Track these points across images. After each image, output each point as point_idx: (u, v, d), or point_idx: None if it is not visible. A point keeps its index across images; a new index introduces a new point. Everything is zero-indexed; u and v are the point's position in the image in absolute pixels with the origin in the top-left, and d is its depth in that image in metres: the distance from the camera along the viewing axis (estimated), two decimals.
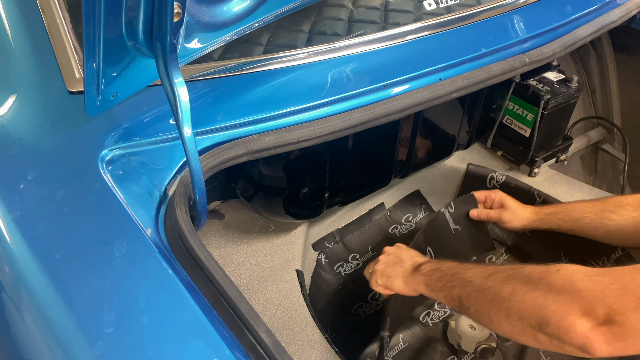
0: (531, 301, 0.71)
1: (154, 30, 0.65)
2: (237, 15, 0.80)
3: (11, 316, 0.69)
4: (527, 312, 0.71)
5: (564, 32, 1.22)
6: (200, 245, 0.70)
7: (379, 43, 1.05)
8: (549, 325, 0.68)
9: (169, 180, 0.79)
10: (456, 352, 1.28)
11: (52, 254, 0.68)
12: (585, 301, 0.67)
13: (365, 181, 1.27)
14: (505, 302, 0.75)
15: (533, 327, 0.71)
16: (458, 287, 0.84)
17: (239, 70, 0.93)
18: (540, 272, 0.74)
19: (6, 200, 0.73)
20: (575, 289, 0.68)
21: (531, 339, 0.72)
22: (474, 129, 1.42)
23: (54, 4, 0.86)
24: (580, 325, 0.66)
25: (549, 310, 0.69)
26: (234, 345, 0.62)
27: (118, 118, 0.82)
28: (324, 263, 1.41)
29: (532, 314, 0.71)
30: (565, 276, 0.71)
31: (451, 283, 0.85)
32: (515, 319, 0.73)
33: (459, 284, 0.84)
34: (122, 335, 0.61)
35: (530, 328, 0.71)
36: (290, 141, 0.86)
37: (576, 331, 0.66)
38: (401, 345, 1.29)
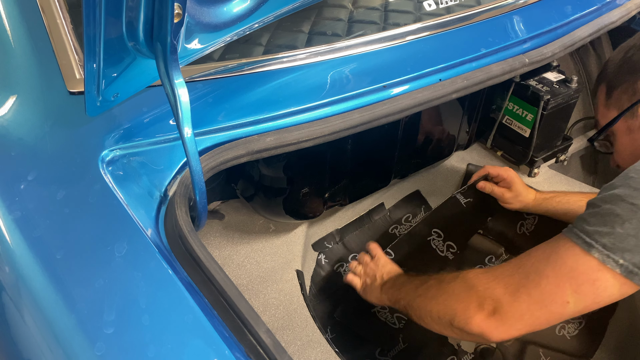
0: (442, 303, 0.87)
1: (155, 31, 0.65)
2: (237, 15, 0.80)
3: (12, 316, 0.69)
4: (441, 313, 0.87)
5: (564, 32, 1.22)
6: (200, 246, 0.70)
7: (379, 44, 1.05)
8: (455, 320, 0.83)
9: (169, 180, 0.79)
10: (456, 352, 1.28)
11: (52, 254, 0.68)
12: (475, 298, 0.81)
13: (365, 181, 1.27)
14: (428, 306, 0.90)
15: (447, 324, 0.85)
16: (403, 299, 1.00)
17: (239, 70, 0.93)
18: (449, 280, 0.89)
19: (7, 200, 0.73)
20: (469, 288, 0.83)
21: (451, 333, 0.87)
22: (473, 129, 1.42)
23: (54, 5, 0.86)
24: (475, 318, 0.80)
25: (454, 309, 0.84)
26: (234, 346, 0.62)
27: (118, 118, 0.83)
28: (324, 263, 1.41)
29: (444, 314, 0.86)
30: (463, 280, 0.86)
31: (400, 296, 1.02)
32: (436, 319, 0.88)
33: (404, 296, 1.00)
34: (123, 335, 0.61)
35: (446, 324, 0.86)
36: (290, 142, 0.86)
37: (473, 324, 0.80)
38: (401, 345, 1.29)
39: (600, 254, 0.70)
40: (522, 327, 0.77)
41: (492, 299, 0.79)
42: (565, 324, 1.33)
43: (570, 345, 1.30)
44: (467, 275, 0.86)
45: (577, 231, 0.74)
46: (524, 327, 0.77)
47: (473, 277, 0.85)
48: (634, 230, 0.69)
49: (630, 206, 0.70)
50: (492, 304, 0.79)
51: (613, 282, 0.71)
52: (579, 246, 0.73)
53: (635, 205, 0.70)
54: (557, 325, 1.33)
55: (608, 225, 0.71)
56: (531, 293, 0.76)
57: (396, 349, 1.28)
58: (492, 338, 0.79)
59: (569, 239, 0.75)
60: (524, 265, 0.79)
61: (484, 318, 0.79)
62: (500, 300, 0.78)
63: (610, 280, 0.71)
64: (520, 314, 0.76)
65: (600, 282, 0.71)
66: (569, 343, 1.30)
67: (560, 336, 1.32)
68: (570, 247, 0.74)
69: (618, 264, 0.69)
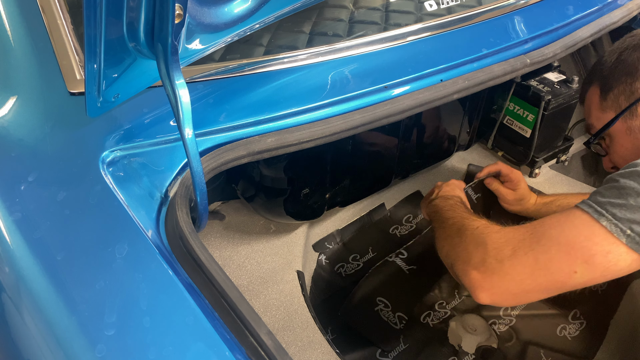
0: (451, 245, 0.90)
1: (155, 32, 0.65)
2: (238, 16, 0.80)
3: (12, 318, 0.68)
4: (448, 253, 0.90)
5: (565, 33, 1.22)
6: (201, 247, 0.70)
7: (380, 44, 1.05)
8: (454, 267, 0.86)
9: (170, 181, 0.79)
10: (457, 352, 1.28)
11: (53, 255, 0.68)
12: (480, 252, 0.81)
13: (365, 182, 1.27)
14: (442, 242, 0.94)
15: (450, 266, 0.89)
16: (436, 222, 1.05)
17: (240, 71, 0.93)
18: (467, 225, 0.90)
19: (7, 201, 0.73)
20: (478, 242, 0.83)
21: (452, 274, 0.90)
22: (474, 130, 1.42)
23: (54, 5, 0.86)
24: (471, 272, 0.81)
25: (457, 256, 0.86)
26: (235, 347, 0.62)
27: (119, 119, 0.82)
28: (325, 264, 1.41)
29: (449, 255, 0.89)
30: (477, 231, 0.86)
31: (435, 217, 1.08)
32: (444, 256, 0.92)
33: (438, 220, 1.05)
34: (123, 337, 0.61)
35: (449, 266, 0.90)
36: (291, 142, 0.86)
37: (467, 276, 0.81)
38: (402, 346, 1.29)
39: (609, 222, 0.70)
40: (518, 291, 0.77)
41: (496, 259, 0.78)
42: (566, 325, 1.33)
43: (571, 346, 1.30)
44: (484, 231, 0.85)
45: (590, 202, 0.74)
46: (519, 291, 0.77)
47: (486, 234, 0.84)
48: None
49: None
50: (491, 264, 0.79)
51: (625, 257, 0.71)
52: (589, 214, 0.73)
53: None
54: (558, 326, 1.33)
55: (622, 197, 0.71)
56: (539, 258, 0.75)
57: (397, 349, 1.28)
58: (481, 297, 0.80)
59: (582, 209, 0.74)
60: (536, 231, 0.78)
61: (480, 274, 0.80)
62: (504, 262, 0.77)
63: (623, 255, 0.70)
64: (521, 277, 0.76)
65: (612, 255, 0.71)
66: (569, 344, 1.30)
67: (561, 337, 1.32)
68: (582, 215, 0.74)
69: (625, 234, 0.70)
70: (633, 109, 0.95)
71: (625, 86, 0.96)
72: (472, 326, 1.31)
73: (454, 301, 1.41)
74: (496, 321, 1.36)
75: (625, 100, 0.96)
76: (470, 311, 1.38)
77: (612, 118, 0.98)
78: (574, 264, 0.73)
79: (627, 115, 0.96)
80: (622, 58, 0.97)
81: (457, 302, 1.41)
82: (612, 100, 0.99)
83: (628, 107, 0.95)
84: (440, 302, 1.40)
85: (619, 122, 0.98)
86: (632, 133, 0.97)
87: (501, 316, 1.38)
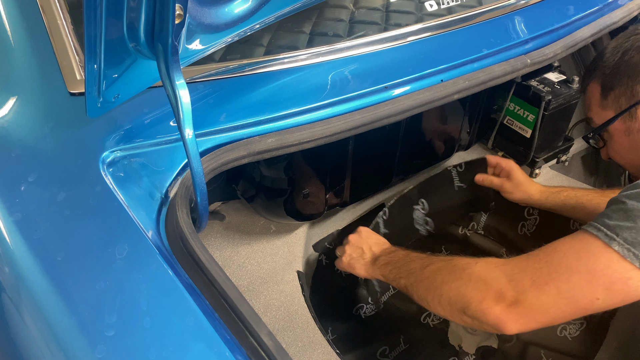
0: (456, 289, 0.84)
1: (156, 32, 0.65)
2: (239, 16, 0.79)
3: (12, 318, 0.68)
4: (453, 299, 0.84)
5: (565, 33, 1.22)
6: (201, 248, 0.70)
7: (381, 44, 1.05)
8: (470, 309, 0.81)
9: (170, 182, 0.79)
10: (457, 353, 1.28)
11: (53, 256, 0.68)
12: (496, 288, 0.79)
13: (366, 182, 1.27)
14: (438, 290, 0.88)
15: (459, 311, 0.83)
16: (404, 278, 0.97)
17: (240, 71, 0.93)
18: (463, 264, 0.87)
19: (7, 202, 0.73)
20: (488, 278, 0.81)
21: (460, 320, 0.85)
22: (474, 130, 1.41)
23: (54, 5, 0.86)
24: (493, 309, 0.78)
25: (469, 297, 0.81)
26: (235, 348, 0.62)
27: (119, 120, 0.82)
28: (325, 264, 1.41)
29: (457, 300, 0.83)
30: (482, 267, 0.83)
31: (399, 274, 0.99)
32: (445, 304, 0.86)
33: (405, 275, 0.97)
34: (124, 338, 0.61)
35: (457, 311, 0.84)
36: (291, 143, 0.86)
37: (490, 314, 0.78)
38: (402, 346, 1.29)
39: (621, 247, 0.70)
40: (545, 320, 0.77)
41: (515, 291, 0.77)
42: (566, 325, 1.33)
43: (571, 346, 1.30)
44: (488, 264, 0.84)
45: (598, 225, 0.74)
46: (546, 320, 0.77)
47: (494, 267, 0.82)
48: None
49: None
50: (513, 295, 0.77)
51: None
52: (600, 239, 0.73)
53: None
54: (559, 326, 1.33)
55: (630, 220, 0.71)
56: (561, 288, 0.74)
57: (397, 349, 1.28)
58: (509, 329, 0.78)
59: (591, 233, 0.74)
60: (552, 259, 0.77)
61: (503, 309, 0.78)
62: (526, 293, 0.76)
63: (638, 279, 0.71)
64: (546, 307, 0.76)
65: (632, 281, 0.71)
66: (570, 344, 1.30)
67: (562, 337, 1.31)
68: (594, 241, 0.73)
69: (638, 258, 0.70)
70: (633, 110, 0.94)
71: (627, 88, 0.95)
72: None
73: None
74: None
75: (626, 101, 0.96)
76: None
77: (611, 117, 0.98)
78: (597, 291, 0.73)
79: (627, 117, 0.96)
80: (625, 59, 0.96)
81: None
82: (612, 100, 0.98)
83: (628, 109, 0.95)
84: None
85: (619, 122, 0.97)
86: (630, 134, 0.97)
87: None
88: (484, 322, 0.80)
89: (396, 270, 1.00)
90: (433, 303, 0.89)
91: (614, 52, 0.98)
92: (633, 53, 0.95)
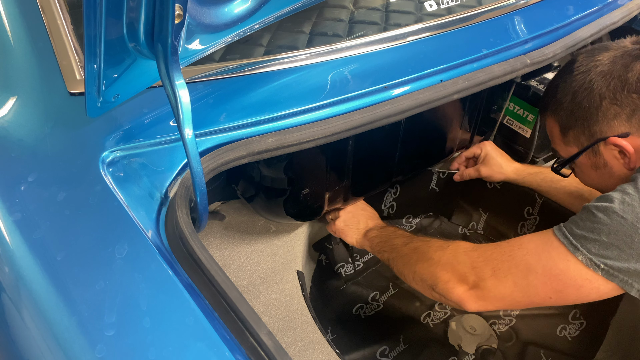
0: (427, 268, 0.95)
1: (155, 32, 0.65)
2: (238, 16, 0.80)
3: (12, 318, 0.68)
4: (425, 276, 0.95)
5: (565, 33, 1.22)
6: (201, 247, 0.70)
7: (380, 44, 1.05)
8: (437, 287, 0.92)
9: (169, 182, 0.79)
10: (457, 353, 1.28)
11: (53, 256, 0.68)
12: (460, 271, 0.89)
13: (366, 182, 1.27)
14: (413, 267, 0.98)
15: (429, 287, 0.94)
16: (387, 252, 1.08)
17: (240, 71, 0.93)
18: (437, 247, 0.97)
19: (7, 202, 0.73)
20: (455, 262, 0.90)
21: (430, 295, 0.96)
22: (474, 130, 1.41)
23: (54, 5, 0.86)
24: (457, 289, 0.89)
25: (438, 277, 0.92)
26: (235, 348, 0.62)
27: (119, 120, 0.82)
28: (325, 264, 1.41)
29: (427, 277, 0.94)
30: (451, 251, 0.93)
31: (384, 248, 1.10)
32: (418, 280, 0.97)
33: (388, 250, 1.08)
34: (123, 337, 0.61)
35: (427, 287, 0.95)
36: (291, 143, 0.86)
37: (454, 293, 0.89)
38: (402, 346, 1.29)
39: (584, 257, 0.76)
40: (501, 305, 0.87)
41: (477, 277, 0.87)
42: (566, 325, 1.33)
43: (571, 346, 1.30)
44: (458, 249, 0.93)
45: (566, 232, 0.80)
46: (502, 305, 0.87)
47: (462, 252, 0.91)
48: (618, 241, 0.75)
49: (620, 219, 0.75)
50: (474, 280, 0.87)
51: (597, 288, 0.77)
52: (564, 246, 0.78)
53: (625, 219, 0.75)
54: (559, 326, 1.33)
55: (595, 232, 0.76)
56: (517, 282, 0.83)
57: (397, 349, 1.28)
58: (470, 308, 0.89)
59: (558, 238, 0.80)
60: (515, 255, 0.84)
61: (465, 290, 0.88)
62: (485, 280, 0.85)
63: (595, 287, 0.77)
64: (502, 295, 0.85)
65: (584, 289, 0.78)
66: (570, 344, 1.30)
67: (562, 337, 1.32)
68: (558, 247, 0.79)
69: (600, 268, 0.76)
70: (595, 147, 0.92)
71: (584, 128, 0.92)
72: (472, 326, 1.31)
73: None
74: (496, 321, 1.36)
75: (586, 140, 0.93)
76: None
77: (575, 153, 0.96)
78: (550, 292, 0.80)
79: (590, 153, 0.94)
80: (577, 100, 0.92)
81: None
82: (573, 138, 0.96)
83: (589, 146, 0.93)
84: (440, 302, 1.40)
85: (584, 157, 0.95)
86: (597, 169, 0.95)
87: (501, 316, 1.38)
88: (449, 299, 0.91)
89: (382, 244, 1.11)
90: (409, 277, 1.00)
91: (565, 94, 0.95)
92: (583, 96, 0.91)
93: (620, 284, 0.76)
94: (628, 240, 0.74)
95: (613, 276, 0.75)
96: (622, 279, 0.75)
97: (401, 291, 1.43)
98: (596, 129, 0.91)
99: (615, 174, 0.93)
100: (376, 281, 1.46)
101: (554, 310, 1.37)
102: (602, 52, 0.93)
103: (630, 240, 0.74)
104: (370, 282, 1.45)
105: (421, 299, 1.42)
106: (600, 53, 0.93)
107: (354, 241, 1.20)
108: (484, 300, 0.87)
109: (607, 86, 0.89)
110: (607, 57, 0.91)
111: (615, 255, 0.75)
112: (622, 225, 0.75)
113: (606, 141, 0.90)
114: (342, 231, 1.21)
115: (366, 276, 1.47)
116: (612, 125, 0.89)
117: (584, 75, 0.92)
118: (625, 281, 0.75)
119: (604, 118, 0.89)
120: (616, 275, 0.75)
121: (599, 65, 0.91)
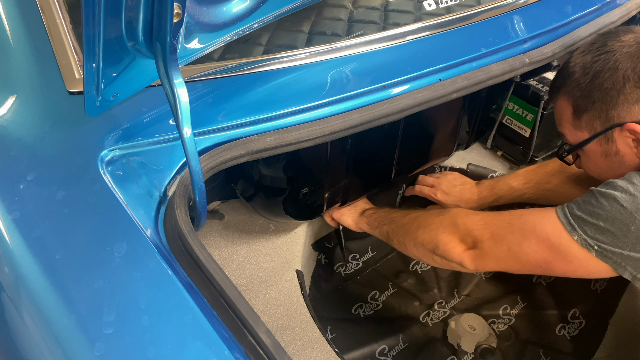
0: (428, 232, 0.99)
1: (154, 31, 0.65)
2: (237, 15, 0.80)
3: (11, 317, 0.69)
4: (426, 240, 0.99)
5: (564, 32, 1.22)
6: (200, 246, 0.70)
7: (379, 43, 1.05)
8: (439, 249, 0.96)
9: (168, 180, 0.79)
10: (456, 352, 1.28)
11: (51, 254, 0.68)
12: (461, 233, 0.94)
13: (365, 181, 1.27)
14: (414, 234, 1.02)
15: (430, 251, 0.99)
16: (387, 225, 1.12)
17: (239, 70, 0.93)
18: (437, 213, 1.02)
19: (6, 200, 0.73)
20: (456, 225, 0.95)
21: (431, 260, 1.00)
22: (473, 129, 1.42)
23: (53, 5, 0.86)
24: (456, 249, 0.94)
25: (439, 239, 0.96)
26: (233, 346, 0.62)
27: (118, 118, 0.82)
28: (324, 263, 1.41)
29: (429, 241, 0.98)
30: (452, 216, 0.98)
31: (383, 222, 1.14)
32: (419, 245, 1.01)
33: (388, 222, 1.12)
34: (122, 336, 0.61)
35: (429, 252, 0.99)
36: (290, 142, 0.86)
37: (454, 253, 0.94)
38: (401, 345, 1.29)
39: (579, 237, 0.80)
40: (496, 267, 0.92)
41: (475, 238, 0.92)
42: (565, 324, 1.33)
43: (570, 345, 1.30)
44: (459, 214, 0.97)
45: (567, 211, 0.83)
46: (497, 267, 0.92)
47: (464, 215, 0.96)
48: (614, 229, 0.77)
49: (620, 207, 0.77)
50: (473, 242, 0.92)
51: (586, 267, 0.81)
52: (562, 225, 0.82)
53: (624, 208, 0.76)
54: (558, 326, 1.33)
55: (594, 216, 0.79)
56: (512, 248, 0.87)
57: (396, 348, 1.28)
58: (468, 267, 0.94)
59: (557, 216, 0.83)
60: (513, 223, 0.89)
61: (464, 250, 0.94)
62: (483, 242, 0.91)
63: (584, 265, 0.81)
64: (497, 258, 0.90)
65: (572, 265, 0.82)
66: (569, 343, 1.30)
67: (561, 336, 1.32)
68: (555, 223, 0.83)
69: (594, 249, 0.79)
70: (609, 133, 0.88)
71: (601, 112, 0.88)
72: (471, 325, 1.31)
73: (453, 300, 1.41)
74: (495, 320, 1.36)
75: (600, 124, 0.89)
76: (469, 310, 1.38)
77: (586, 138, 0.92)
78: (540, 261, 0.85)
79: (603, 139, 0.90)
80: (597, 82, 0.87)
81: (456, 302, 1.41)
82: (586, 122, 0.91)
83: (603, 132, 0.89)
84: (439, 301, 1.40)
85: (594, 144, 0.91)
86: (608, 157, 0.91)
87: (500, 315, 1.38)
88: (449, 260, 0.95)
89: (380, 218, 1.16)
90: (409, 245, 1.03)
91: (584, 73, 0.90)
92: (605, 77, 0.86)
93: (613, 265, 0.79)
94: (624, 228, 0.76)
95: (607, 257, 0.79)
96: (615, 260, 0.78)
97: (400, 290, 1.43)
98: (614, 114, 0.86)
99: (625, 163, 0.89)
100: (375, 280, 1.46)
101: (553, 310, 1.37)
102: (628, 33, 0.88)
103: (626, 229, 0.76)
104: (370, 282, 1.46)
105: (421, 298, 1.42)
106: (625, 34, 0.88)
107: (350, 221, 1.23)
108: (481, 260, 0.91)
109: (632, 68, 0.84)
110: (632, 38, 0.87)
111: (609, 241, 0.78)
112: (621, 214, 0.76)
113: (622, 127, 0.85)
114: (339, 214, 1.25)
115: (365, 275, 1.47)
116: (631, 110, 0.85)
117: (608, 55, 0.87)
118: (618, 263, 0.78)
119: (624, 102, 0.85)
120: (610, 257, 0.78)
121: (625, 46, 0.86)
